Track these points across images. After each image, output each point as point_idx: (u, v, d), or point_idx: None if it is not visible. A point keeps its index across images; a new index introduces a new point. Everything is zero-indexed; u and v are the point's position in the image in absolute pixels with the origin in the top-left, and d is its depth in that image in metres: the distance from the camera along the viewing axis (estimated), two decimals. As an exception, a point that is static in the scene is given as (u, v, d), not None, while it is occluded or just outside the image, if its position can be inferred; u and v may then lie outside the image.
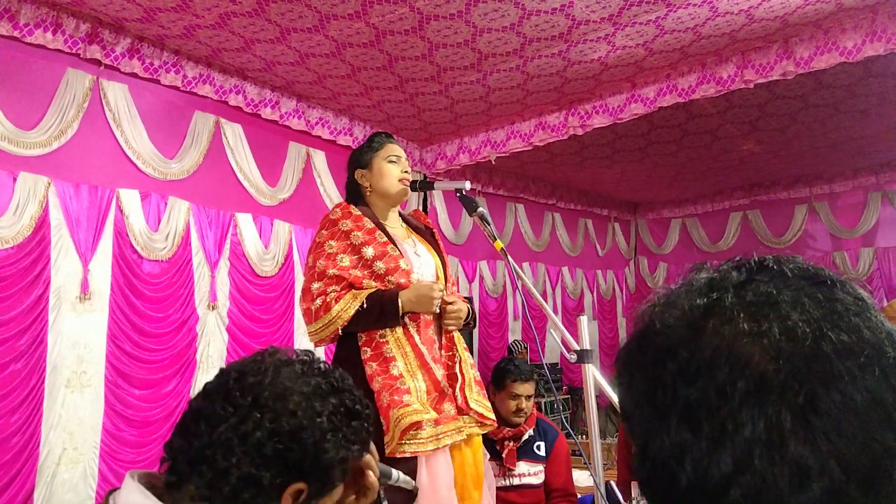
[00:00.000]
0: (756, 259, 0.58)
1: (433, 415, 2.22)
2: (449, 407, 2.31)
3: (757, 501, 0.48)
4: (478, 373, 2.48)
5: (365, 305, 2.25)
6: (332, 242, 2.35)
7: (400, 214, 2.59)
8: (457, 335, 2.46)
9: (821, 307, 0.51)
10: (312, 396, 0.96)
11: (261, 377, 0.97)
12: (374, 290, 2.29)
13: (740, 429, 0.49)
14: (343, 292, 2.29)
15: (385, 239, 2.37)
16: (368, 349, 2.28)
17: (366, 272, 2.31)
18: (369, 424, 1.05)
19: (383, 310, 2.25)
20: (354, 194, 2.54)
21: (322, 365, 1.04)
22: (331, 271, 2.31)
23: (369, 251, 2.31)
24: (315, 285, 2.32)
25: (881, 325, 0.51)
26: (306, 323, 2.36)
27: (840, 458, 0.47)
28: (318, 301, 2.29)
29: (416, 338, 2.32)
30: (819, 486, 0.47)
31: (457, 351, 2.42)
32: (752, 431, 0.48)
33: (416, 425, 2.15)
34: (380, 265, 2.30)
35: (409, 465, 2.12)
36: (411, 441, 2.14)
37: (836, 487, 0.47)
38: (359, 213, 2.41)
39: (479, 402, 2.39)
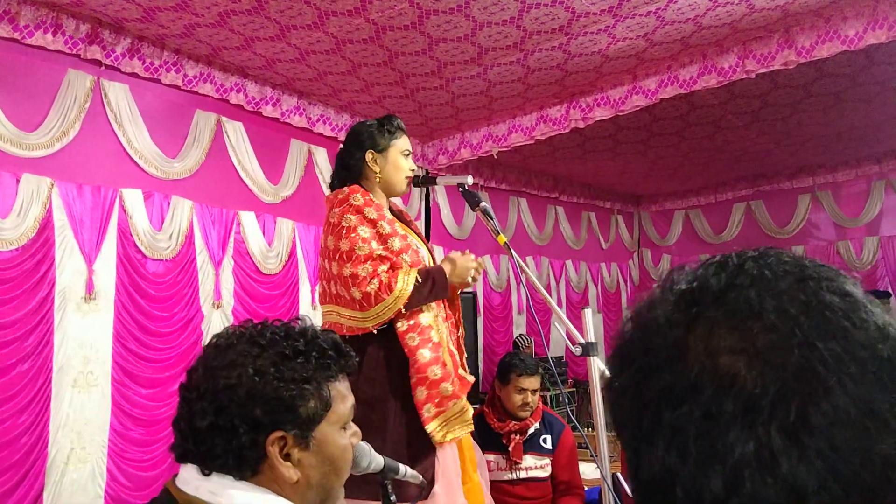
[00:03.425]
0: (735, 259, 0.54)
1: (468, 405, 2.28)
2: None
3: None
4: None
5: (419, 280, 2.19)
6: (364, 227, 2.26)
7: None
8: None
9: (807, 313, 0.48)
10: (245, 363, 1.12)
11: (197, 372, 1.17)
12: (419, 267, 2.26)
13: (729, 451, 0.46)
14: (392, 272, 2.22)
15: (403, 231, 2.36)
16: (416, 335, 2.21)
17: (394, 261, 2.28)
18: (320, 353, 1.16)
19: (436, 282, 2.21)
20: (355, 173, 2.41)
21: (252, 330, 1.19)
22: (378, 252, 2.22)
23: (395, 243, 2.28)
24: (362, 268, 2.20)
25: (872, 321, 0.48)
26: (363, 309, 2.19)
27: (837, 476, 0.44)
28: (374, 283, 2.17)
29: (443, 324, 2.33)
30: None
31: (459, 329, 2.45)
32: (742, 453, 0.46)
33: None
34: (405, 258, 2.27)
35: (431, 453, 2.19)
36: (442, 428, 2.19)
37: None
38: (378, 202, 2.35)
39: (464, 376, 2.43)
